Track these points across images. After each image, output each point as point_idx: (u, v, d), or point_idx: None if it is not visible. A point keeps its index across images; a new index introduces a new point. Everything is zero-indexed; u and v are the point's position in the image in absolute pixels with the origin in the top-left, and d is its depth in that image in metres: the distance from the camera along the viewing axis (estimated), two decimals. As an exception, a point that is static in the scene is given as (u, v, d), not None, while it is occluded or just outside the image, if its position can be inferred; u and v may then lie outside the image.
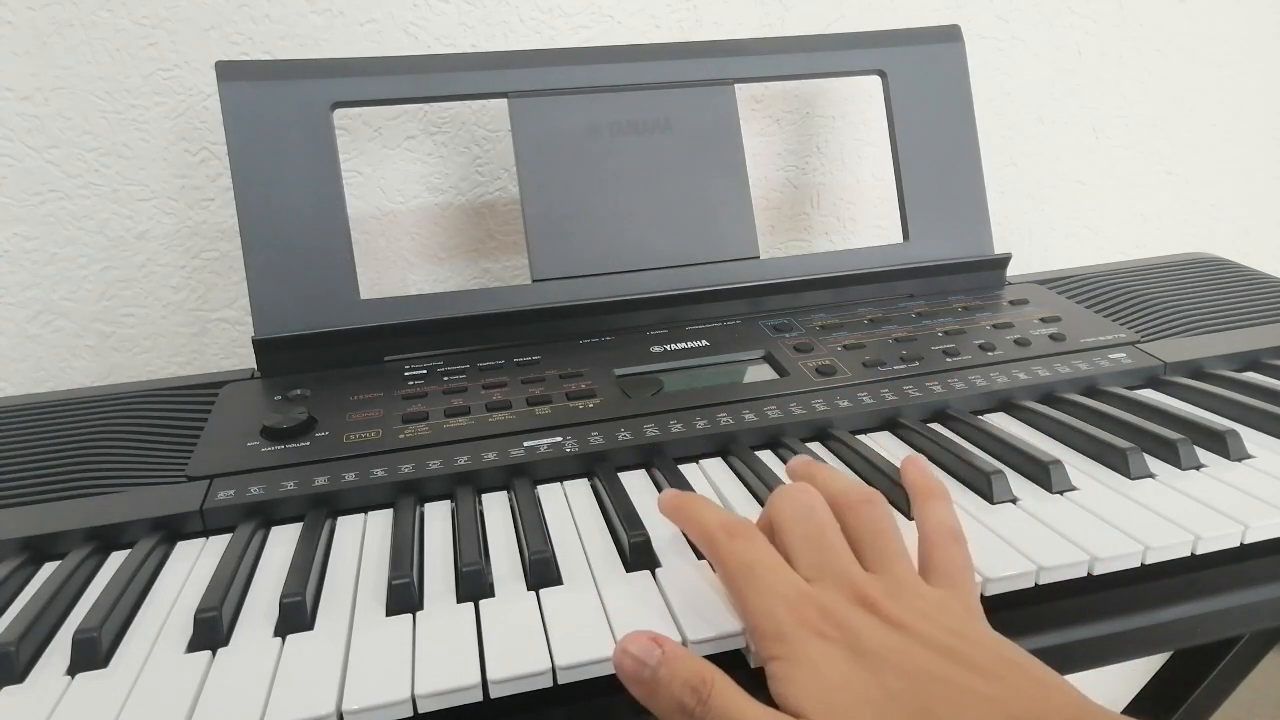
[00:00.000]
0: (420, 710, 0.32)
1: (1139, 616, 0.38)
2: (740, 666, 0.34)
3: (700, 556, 0.39)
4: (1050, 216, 0.93)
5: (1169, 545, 0.39)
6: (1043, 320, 0.63)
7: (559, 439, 0.49)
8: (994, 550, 0.39)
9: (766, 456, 0.50)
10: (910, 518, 0.40)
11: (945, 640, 0.30)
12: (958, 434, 0.51)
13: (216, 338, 0.74)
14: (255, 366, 0.58)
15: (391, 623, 0.36)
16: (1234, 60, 0.94)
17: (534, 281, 0.62)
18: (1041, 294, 0.68)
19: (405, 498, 0.46)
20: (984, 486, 0.44)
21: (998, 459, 0.47)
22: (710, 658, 0.34)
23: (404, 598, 0.37)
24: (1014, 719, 0.27)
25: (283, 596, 0.37)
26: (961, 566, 0.35)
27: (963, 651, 0.30)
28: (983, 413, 0.54)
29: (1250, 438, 0.48)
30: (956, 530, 0.37)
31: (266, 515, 0.45)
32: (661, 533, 0.41)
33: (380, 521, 0.45)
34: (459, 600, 0.37)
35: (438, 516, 0.45)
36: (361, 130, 0.72)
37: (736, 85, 0.66)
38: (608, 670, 0.33)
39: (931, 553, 0.36)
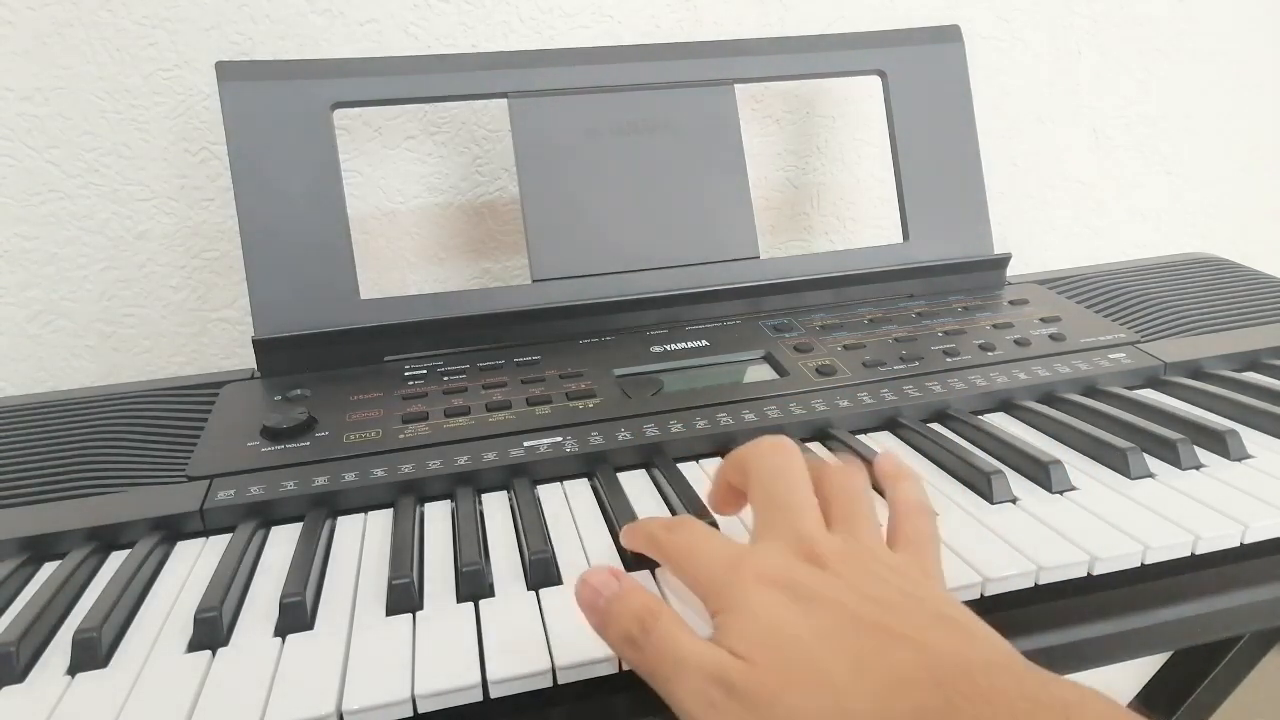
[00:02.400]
0: (420, 710, 0.32)
1: (1139, 616, 0.38)
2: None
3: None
4: (1050, 216, 0.93)
5: (1169, 545, 0.39)
6: (1043, 320, 0.63)
7: (559, 439, 0.49)
8: (994, 550, 0.39)
9: (766, 456, 0.50)
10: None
11: (885, 594, 0.31)
12: (958, 434, 0.51)
13: (216, 338, 0.74)
14: (255, 366, 0.58)
15: (391, 623, 0.36)
16: (1234, 60, 0.94)
17: (534, 281, 0.62)
18: (1041, 294, 0.68)
19: (405, 498, 0.46)
20: (984, 486, 0.44)
21: (998, 459, 0.47)
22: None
23: (404, 598, 0.37)
24: (931, 666, 0.27)
25: (283, 596, 0.37)
26: (927, 536, 0.36)
27: (900, 606, 0.30)
28: (983, 413, 0.54)
29: (1250, 438, 0.48)
30: (926, 505, 0.37)
31: (266, 515, 0.45)
32: (661, 533, 0.41)
33: (380, 521, 0.45)
34: (459, 600, 0.37)
35: (438, 516, 0.45)
36: (361, 130, 0.72)
37: (736, 85, 0.66)
38: (608, 670, 0.33)
39: (899, 523, 0.36)
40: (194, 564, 0.42)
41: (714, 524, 0.41)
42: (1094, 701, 0.25)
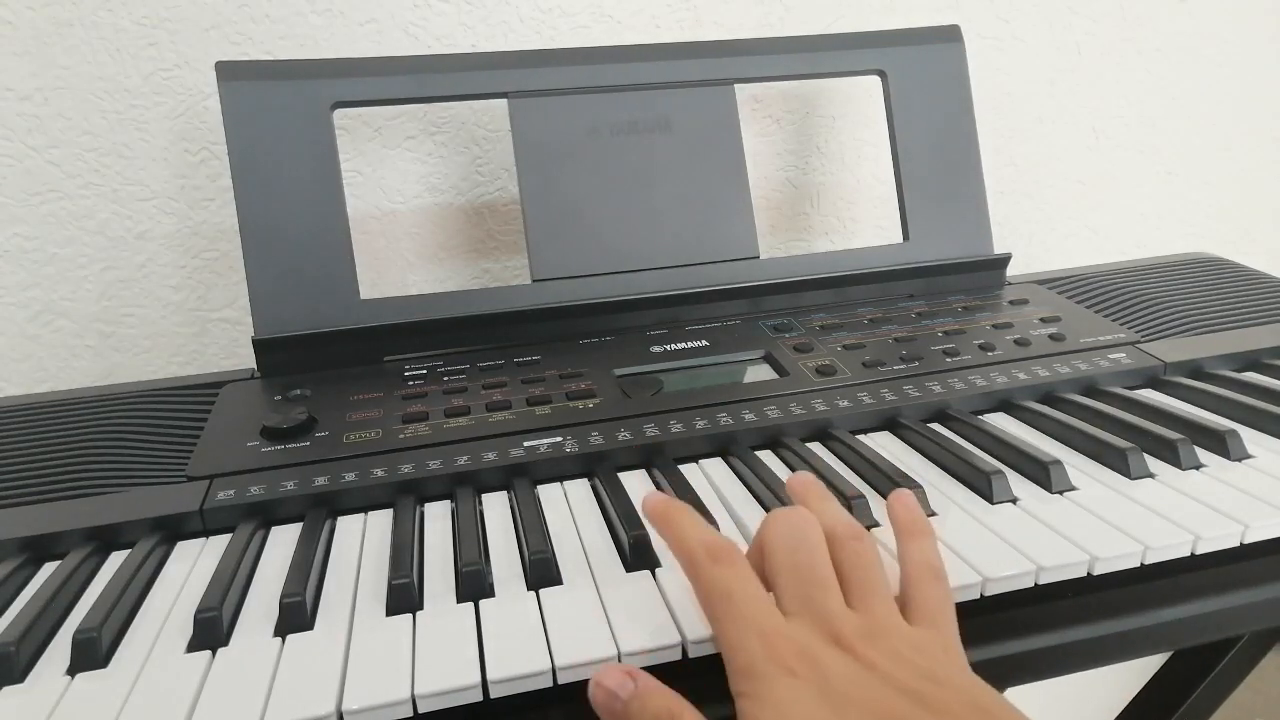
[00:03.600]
0: (420, 710, 0.32)
1: (1139, 616, 0.38)
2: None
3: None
4: (1050, 216, 0.93)
5: (1169, 545, 0.39)
6: (1043, 320, 0.63)
7: (559, 439, 0.49)
8: (994, 550, 0.39)
9: (766, 457, 0.50)
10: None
11: (915, 684, 0.30)
12: (958, 434, 0.51)
13: (216, 338, 0.74)
14: (255, 366, 0.58)
15: (391, 623, 0.36)
16: (1234, 60, 0.94)
17: (534, 281, 0.62)
18: (1041, 294, 0.68)
19: (405, 498, 0.46)
20: (984, 486, 0.44)
21: (998, 459, 0.47)
22: (710, 658, 0.34)
23: (404, 598, 0.37)
24: None
25: (283, 596, 0.37)
26: (941, 605, 0.35)
27: (931, 695, 0.30)
28: (983, 413, 0.54)
29: (1250, 438, 0.48)
30: (939, 568, 0.36)
31: (266, 515, 0.45)
32: (661, 533, 0.41)
33: (380, 521, 0.45)
34: (459, 600, 0.37)
35: (438, 516, 0.45)
36: (361, 130, 0.72)
37: (736, 85, 0.66)
38: (608, 670, 0.33)
39: (913, 590, 0.35)
40: (194, 564, 0.42)
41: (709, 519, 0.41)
42: None
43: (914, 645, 0.32)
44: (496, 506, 0.46)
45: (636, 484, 0.47)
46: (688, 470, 0.48)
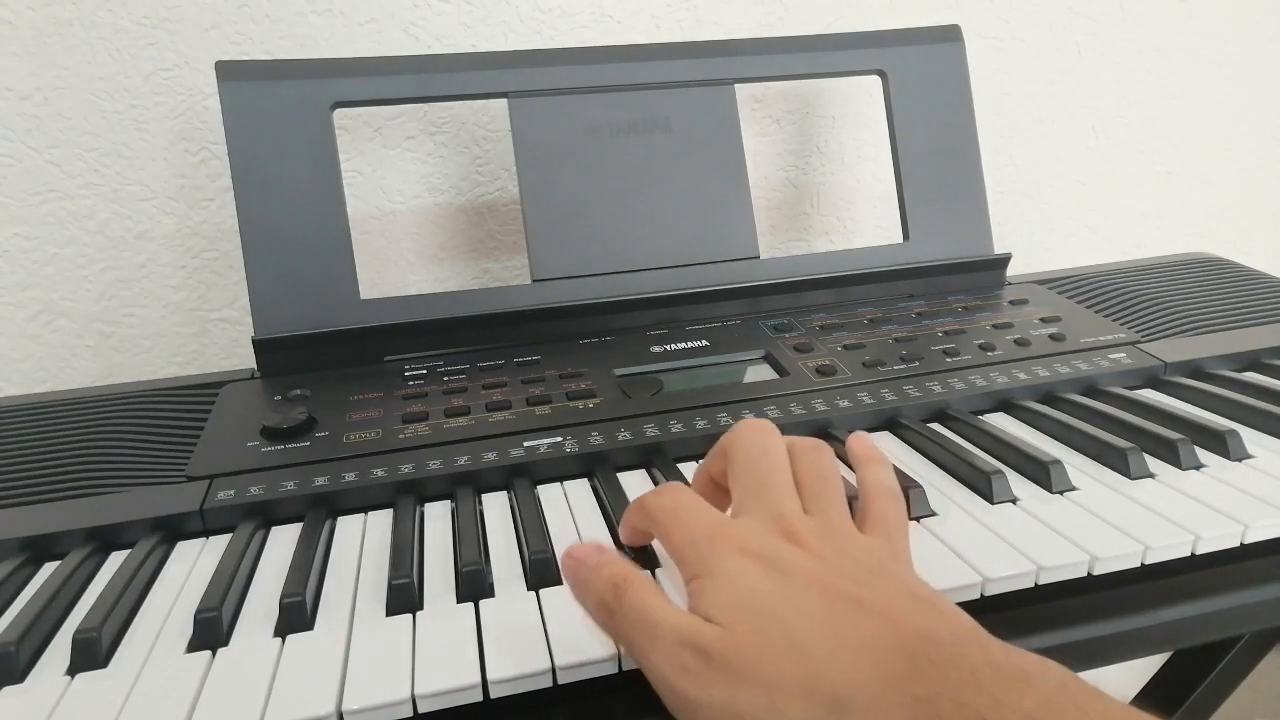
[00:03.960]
0: (420, 710, 0.32)
1: (1139, 616, 0.38)
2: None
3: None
4: (1050, 216, 0.93)
5: (1169, 545, 0.39)
6: (1043, 320, 0.63)
7: (559, 439, 0.49)
8: (994, 550, 0.39)
9: (766, 456, 0.50)
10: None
11: (858, 572, 0.32)
12: (958, 434, 0.51)
13: (216, 338, 0.74)
14: (255, 366, 0.58)
15: (391, 623, 0.36)
16: (1234, 60, 0.94)
17: (534, 281, 0.62)
18: (1041, 294, 0.68)
19: (405, 498, 0.46)
20: (984, 486, 0.44)
21: (998, 459, 0.47)
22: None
23: (404, 598, 0.37)
24: (901, 637, 0.28)
25: (283, 596, 0.37)
26: (896, 521, 0.36)
27: (871, 582, 0.31)
28: (983, 413, 0.54)
29: (1250, 438, 0.48)
30: (894, 489, 0.38)
31: (266, 515, 0.45)
32: (661, 533, 0.41)
33: (380, 521, 0.45)
34: (459, 600, 0.37)
35: (438, 516, 0.45)
36: (361, 130, 0.72)
37: (736, 85, 0.66)
38: (608, 670, 0.33)
39: (868, 506, 0.37)
40: (194, 564, 0.42)
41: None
42: (1055, 671, 0.26)
43: (863, 548, 0.33)
44: (496, 506, 0.46)
45: (636, 484, 0.47)
46: (688, 470, 0.48)
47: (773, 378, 0.56)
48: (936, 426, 0.52)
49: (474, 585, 0.37)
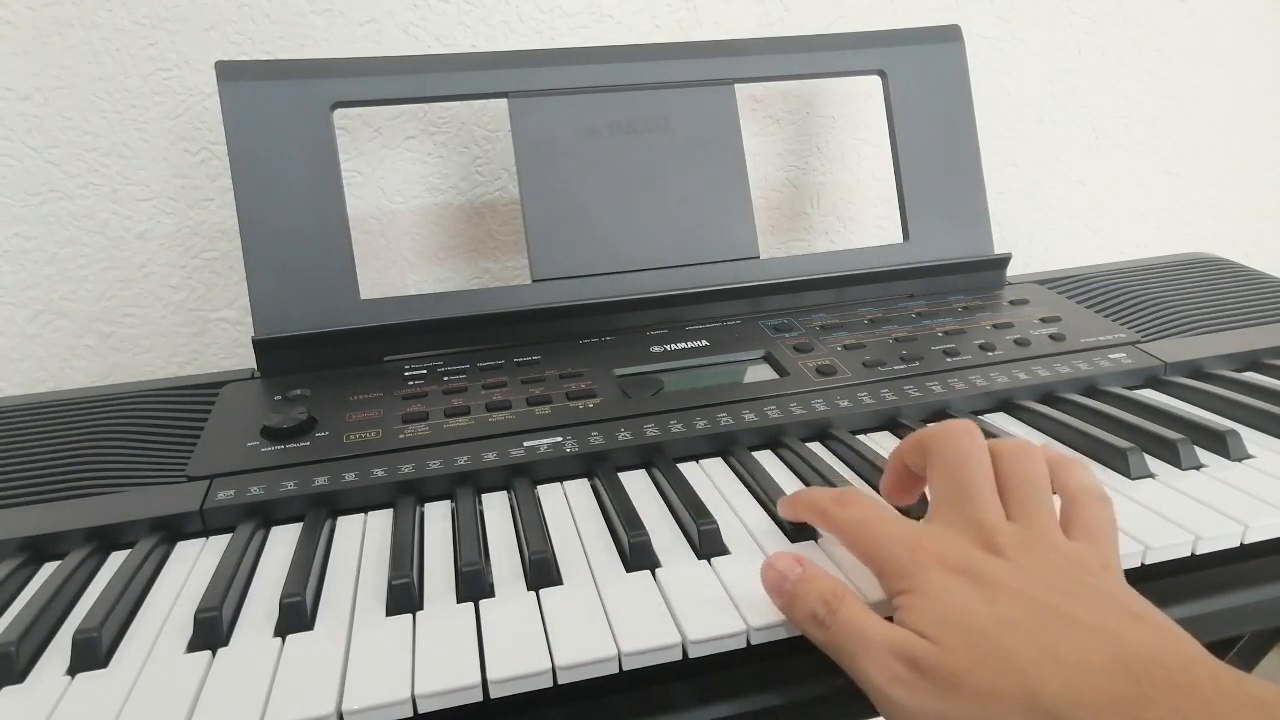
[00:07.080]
0: (420, 710, 0.32)
1: (1139, 616, 0.38)
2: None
3: (707, 555, 0.39)
4: (1050, 216, 0.93)
5: (1169, 545, 0.39)
6: (1043, 320, 0.63)
7: (559, 439, 0.49)
8: (994, 550, 0.38)
9: (766, 456, 0.50)
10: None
11: (1068, 585, 0.31)
12: (958, 434, 0.51)
13: (216, 338, 0.74)
14: (255, 366, 0.58)
15: (391, 623, 0.36)
16: (1234, 60, 0.94)
17: (534, 281, 0.62)
18: (1041, 294, 0.68)
19: (405, 498, 0.46)
20: (984, 486, 0.44)
21: (998, 459, 0.47)
22: (710, 658, 0.34)
23: (404, 598, 0.37)
24: (1123, 657, 0.27)
25: (283, 596, 0.37)
26: (1104, 524, 0.35)
27: (1085, 597, 0.30)
28: (983, 413, 0.54)
29: (1250, 438, 0.48)
30: (1101, 492, 0.36)
31: (266, 515, 0.45)
32: (661, 533, 0.41)
33: (380, 521, 0.45)
34: (459, 600, 0.37)
35: (438, 516, 0.45)
36: (361, 130, 0.72)
37: (736, 85, 0.66)
38: (608, 670, 0.33)
39: (1076, 510, 0.35)
40: (194, 564, 0.42)
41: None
42: None
43: (1070, 558, 0.32)
44: (496, 506, 0.46)
45: (636, 484, 0.47)
46: (688, 470, 0.48)
47: (773, 378, 0.56)
48: (936, 426, 0.52)
49: (474, 585, 0.37)
